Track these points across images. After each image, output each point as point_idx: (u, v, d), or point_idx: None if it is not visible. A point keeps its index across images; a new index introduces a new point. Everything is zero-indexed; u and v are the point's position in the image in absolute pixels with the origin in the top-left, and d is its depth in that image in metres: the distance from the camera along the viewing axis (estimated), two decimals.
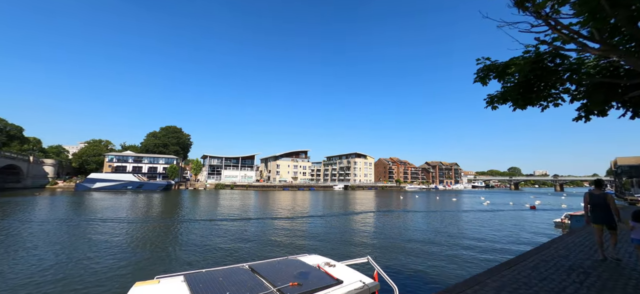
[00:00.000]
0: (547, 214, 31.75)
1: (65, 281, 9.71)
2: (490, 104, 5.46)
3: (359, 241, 16.45)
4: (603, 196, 6.11)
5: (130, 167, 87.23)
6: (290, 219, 25.29)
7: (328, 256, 6.17)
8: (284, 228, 21.13)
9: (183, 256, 13.08)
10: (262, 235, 18.08)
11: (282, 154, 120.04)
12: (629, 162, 62.19)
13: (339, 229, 20.61)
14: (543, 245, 7.47)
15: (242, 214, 28.18)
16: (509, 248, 15.17)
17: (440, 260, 12.82)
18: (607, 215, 5.98)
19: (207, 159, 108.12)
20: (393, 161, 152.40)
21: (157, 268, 11.14)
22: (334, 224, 23.15)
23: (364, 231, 19.91)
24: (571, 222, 16.82)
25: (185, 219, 24.52)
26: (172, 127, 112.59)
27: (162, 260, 12.40)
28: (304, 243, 16.08)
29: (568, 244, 7.54)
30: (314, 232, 19.55)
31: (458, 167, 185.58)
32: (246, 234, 18.16)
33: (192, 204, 38.10)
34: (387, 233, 19.15)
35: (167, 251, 13.94)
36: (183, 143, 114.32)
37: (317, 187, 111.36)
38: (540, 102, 5.15)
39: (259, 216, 26.73)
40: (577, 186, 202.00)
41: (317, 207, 37.08)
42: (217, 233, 18.26)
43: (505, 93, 5.19)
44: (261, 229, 20.37)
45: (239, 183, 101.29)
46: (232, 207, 34.47)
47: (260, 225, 21.99)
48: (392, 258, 13.06)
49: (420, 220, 25.27)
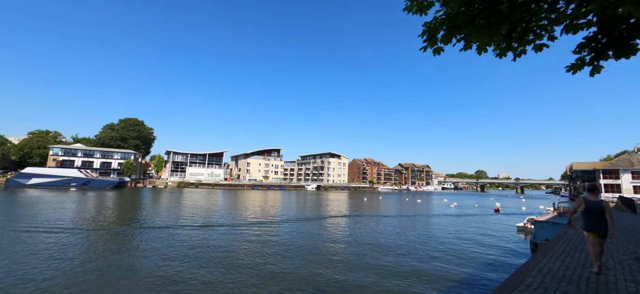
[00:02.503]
0: (510, 218, 31.42)
1: None
2: (428, 41, 3.06)
3: (324, 259, 13.91)
4: (600, 202, 5.52)
5: (79, 161, 78.47)
6: (249, 225, 22.26)
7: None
8: (241, 236, 18.04)
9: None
10: (215, 247, 14.88)
11: (254, 151, 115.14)
12: (582, 167, 65.72)
13: (303, 242, 17.95)
14: (516, 276, 5.31)
15: (198, 218, 24.64)
16: (475, 259, 13.48)
17: (403, 278, 10.84)
18: (602, 223, 5.43)
19: (171, 155, 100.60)
20: (367, 162, 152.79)
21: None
22: (299, 233, 20.44)
23: (330, 242, 17.45)
24: (535, 230, 15.48)
25: (127, 224, 20.50)
26: (132, 120, 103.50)
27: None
28: (260, 261, 13.25)
29: (549, 271, 5.44)
30: (275, 243, 16.74)
31: (429, 169, 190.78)
32: (192, 248, 14.90)
33: (143, 205, 33.55)
34: (354, 246, 16.87)
35: (76, 280, 10.42)
36: (145, 137, 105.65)
37: (289, 187, 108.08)
38: (512, 39, 2.83)
39: (217, 221, 23.30)
40: (536, 189, 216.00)
41: (285, 210, 34.17)
42: (158, 247, 14.74)
43: (452, 18, 2.79)
44: (215, 238, 17.13)
45: (205, 181, 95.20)
46: (190, 209, 30.65)
47: (215, 234, 18.67)
48: (357, 277, 10.77)
49: (390, 227, 23.34)
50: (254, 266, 11.74)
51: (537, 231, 15.32)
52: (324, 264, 12.19)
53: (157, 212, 26.86)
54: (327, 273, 11.07)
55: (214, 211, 29.79)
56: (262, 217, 25.95)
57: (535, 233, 15.42)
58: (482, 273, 11.57)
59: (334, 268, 11.84)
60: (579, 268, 5.61)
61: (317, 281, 10.26)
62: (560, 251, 6.83)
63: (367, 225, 23.75)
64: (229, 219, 24.49)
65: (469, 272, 11.68)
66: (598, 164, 64.90)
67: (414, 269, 11.86)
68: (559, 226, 14.37)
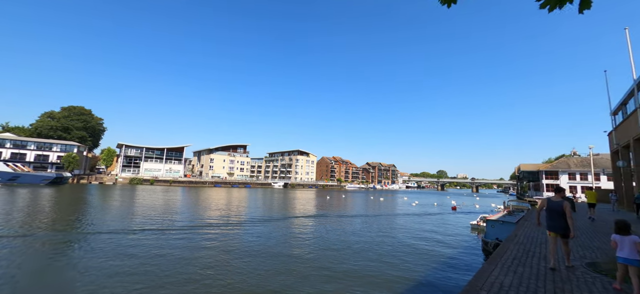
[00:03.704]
0: (465, 216, 32.64)
1: None
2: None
3: (282, 265, 12.44)
4: (561, 203, 5.57)
5: (8, 154, 68.11)
6: (205, 228, 20.04)
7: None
8: (194, 241, 15.81)
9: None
10: (161, 255, 12.58)
11: (218, 147, 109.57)
12: (528, 168, 71.81)
13: (262, 245, 16.29)
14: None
15: (145, 220, 21.67)
16: (430, 259, 13.04)
17: (358, 283, 10.00)
18: (562, 223, 5.47)
19: (123, 148, 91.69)
20: (336, 160, 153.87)
21: None
22: (260, 236, 18.72)
23: (292, 246, 16.00)
24: (487, 228, 15.59)
25: (53, 228, 17.01)
26: (77, 108, 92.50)
27: None
28: (212, 273, 11.34)
29: (501, 288, 4.65)
30: (233, 249, 14.84)
31: (395, 168, 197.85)
32: (135, 256, 12.50)
33: (81, 205, 29.20)
34: (313, 249, 15.61)
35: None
36: (93, 128, 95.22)
37: (255, 185, 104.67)
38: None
39: (161, 225, 20.61)
40: (489, 188, 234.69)
41: (248, 209, 31.91)
42: (88, 257, 12.10)
43: None
44: (160, 244, 14.70)
45: (162, 178, 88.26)
46: (137, 209, 27.27)
47: (155, 239, 16.23)
48: (310, 282, 9.46)
49: (353, 228, 22.55)
50: (209, 276, 10.03)
51: (488, 230, 15.42)
52: (282, 272, 10.79)
53: (94, 214, 23.38)
54: (283, 280, 9.75)
55: (166, 211, 26.86)
56: (222, 219, 23.72)
57: (486, 231, 15.52)
58: (435, 274, 11.08)
59: (289, 274, 10.54)
60: (532, 280, 4.94)
61: (270, 287, 8.88)
62: (512, 259, 6.23)
63: (331, 225, 22.84)
64: (183, 220, 21.92)
65: (422, 273, 11.16)
66: (541, 166, 71.40)
67: (368, 272, 11.03)
68: (509, 225, 14.52)
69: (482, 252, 15.07)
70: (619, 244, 4.32)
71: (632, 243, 4.20)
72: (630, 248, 4.19)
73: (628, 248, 4.20)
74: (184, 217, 23.69)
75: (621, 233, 4.32)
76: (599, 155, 59.76)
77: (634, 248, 4.16)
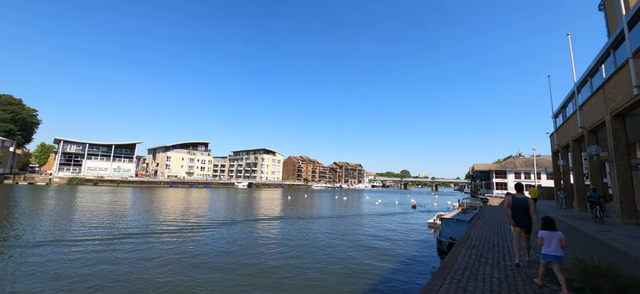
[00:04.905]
0: (424, 214, 33.42)
1: None
2: None
3: (240, 282, 10.68)
4: (526, 199, 5.81)
5: None
6: (149, 235, 17.34)
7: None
8: (132, 250, 13.25)
9: None
10: (88, 275, 10.00)
11: (176, 144, 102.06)
12: (481, 168, 77.19)
13: (215, 253, 14.27)
14: None
15: (80, 227, 18.25)
16: (386, 259, 12.36)
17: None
18: (528, 219, 5.77)
19: (61, 144, 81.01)
20: (303, 160, 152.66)
21: None
22: (214, 241, 16.60)
23: (251, 256, 14.25)
24: (441, 227, 15.47)
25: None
26: (4, 97, 79.72)
27: None
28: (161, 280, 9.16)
29: None
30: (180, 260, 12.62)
31: (361, 168, 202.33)
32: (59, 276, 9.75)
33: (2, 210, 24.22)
34: (277, 257, 14.06)
35: None
36: (23, 121, 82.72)
37: (216, 185, 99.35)
38: None
39: (99, 233, 17.49)
40: (447, 187, 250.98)
41: (204, 213, 29.01)
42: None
43: None
44: (92, 257, 11.99)
45: (108, 178, 79.57)
46: (71, 215, 23.22)
47: (91, 250, 13.41)
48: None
49: (316, 229, 21.40)
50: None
51: (443, 229, 15.28)
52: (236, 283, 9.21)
53: (13, 221, 19.35)
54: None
55: (109, 216, 23.30)
56: (173, 224, 20.91)
57: (441, 231, 15.39)
58: (390, 280, 10.37)
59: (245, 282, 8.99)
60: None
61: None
62: (463, 269, 5.49)
63: (294, 226, 21.62)
64: (127, 227, 18.76)
65: (379, 277, 10.42)
66: (492, 166, 77.20)
67: (325, 276, 9.95)
68: (463, 223, 14.51)
69: (437, 253, 14.89)
70: (545, 241, 4.37)
71: (558, 239, 4.27)
72: (557, 244, 4.25)
73: (555, 244, 4.26)
74: (128, 223, 20.53)
75: (549, 229, 4.38)
76: (540, 156, 66.11)
77: (559, 244, 4.23)
